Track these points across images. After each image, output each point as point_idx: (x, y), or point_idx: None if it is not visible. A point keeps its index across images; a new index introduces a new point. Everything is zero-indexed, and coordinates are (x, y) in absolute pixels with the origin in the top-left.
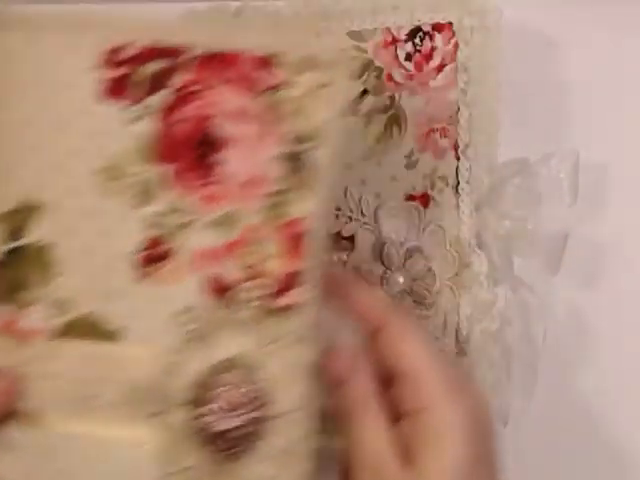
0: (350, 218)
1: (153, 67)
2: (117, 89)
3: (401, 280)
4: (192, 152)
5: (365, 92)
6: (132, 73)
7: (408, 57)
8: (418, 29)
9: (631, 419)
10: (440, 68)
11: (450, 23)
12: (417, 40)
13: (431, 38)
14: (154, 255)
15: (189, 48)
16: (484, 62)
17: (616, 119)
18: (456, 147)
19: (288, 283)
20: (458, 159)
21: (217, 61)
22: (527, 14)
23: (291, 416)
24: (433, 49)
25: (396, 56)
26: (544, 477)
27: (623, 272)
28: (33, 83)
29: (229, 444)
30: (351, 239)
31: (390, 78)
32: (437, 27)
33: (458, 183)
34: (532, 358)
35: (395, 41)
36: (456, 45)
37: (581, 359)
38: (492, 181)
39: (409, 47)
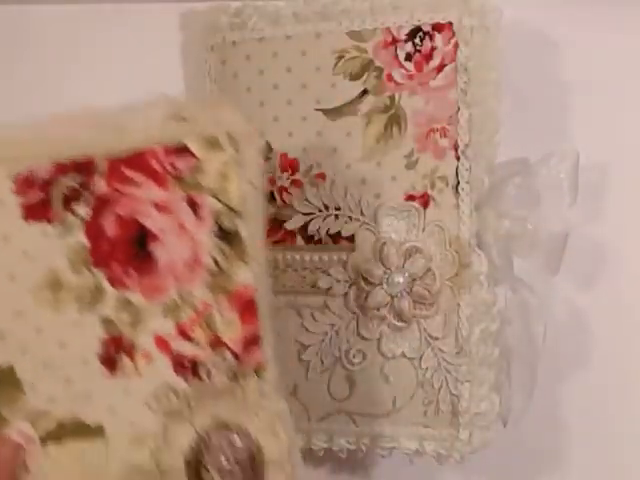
0: (350, 218)
1: (67, 183)
2: (38, 212)
3: (401, 280)
4: (126, 251)
5: (365, 92)
6: (48, 194)
7: (408, 57)
8: (418, 29)
9: (631, 418)
10: (440, 68)
11: (450, 23)
12: (417, 40)
13: (431, 38)
14: (116, 352)
15: (96, 157)
16: (484, 62)
17: (616, 119)
18: (456, 147)
19: (247, 347)
20: (458, 159)
21: (130, 162)
22: (527, 14)
23: (280, 465)
24: (433, 49)
25: (396, 56)
26: (544, 476)
27: (623, 272)
28: None
29: None
30: (351, 239)
31: (390, 78)
32: (437, 27)
33: (458, 183)
34: (532, 358)
35: (395, 41)
36: (456, 45)
37: (581, 359)
38: (492, 181)
39: (409, 47)
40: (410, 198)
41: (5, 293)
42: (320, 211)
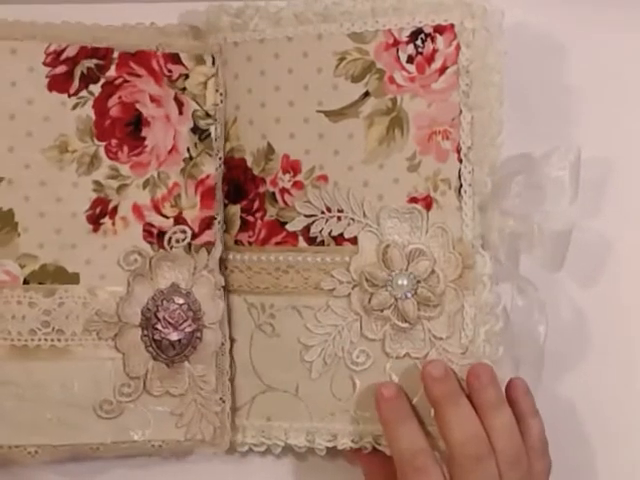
0: (353, 220)
1: (87, 64)
2: (60, 84)
3: (405, 282)
4: (123, 130)
5: (367, 94)
6: (71, 71)
7: (410, 59)
8: (420, 31)
9: (632, 417)
10: (442, 70)
11: (452, 25)
12: (419, 42)
13: (433, 40)
14: (101, 212)
15: (114, 48)
16: (486, 64)
17: (618, 117)
18: (458, 150)
19: (203, 226)
20: (460, 162)
21: (136, 58)
22: (528, 16)
23: (216, 325)
24: (435, 51)
25: (398, 58)
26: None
27: (624, 268)
28: None
29: (177, 351)
30: (353, 241)
31: (392, 80)
32: (439, 29)
33: (461, 186)
34: (536, 356)
35: (397, 43)
36: (458, 47)
37: (584, 356)
38: (495, 179)
39: (411, 49)
40: (413, 200)
41: (20, 147)
42: (322, 213)
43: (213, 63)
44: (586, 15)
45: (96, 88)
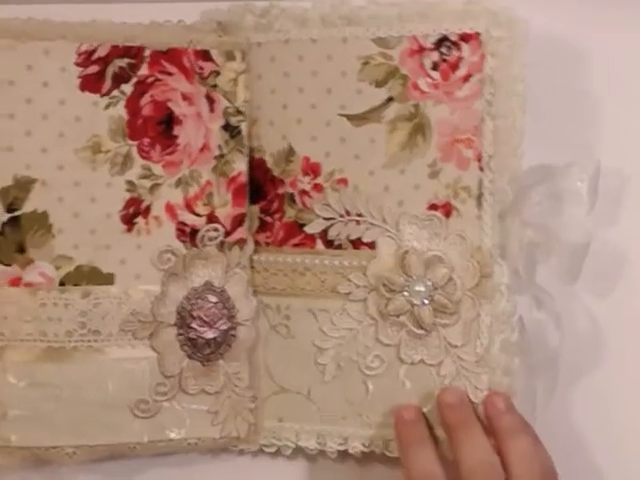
0: (371, 224)
1: (119, 64)
2: (92, 84)
3: (422, 289)
4: (155, 129)
5: (390, 99)
6: (103, 70)
7: (434, 66)
8: (445, 38)
9: None
10: (466, 78)
11: (478, 33)
12: (444, 49)
13: (458, 48)
14: (134, 212)
15: (145, 46)
16: (510, 74)
17: (638, 128)
18: (480, 158)
19: (235, 224)
20: (482, 170)
21: (168, 56)
22: (551, 24)
23: (250, 322)
24: (460, 59)
25: (422, 64)
26: None
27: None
28: (20, 81)
29: (212, 349)
30: (372, 245)
31: (415, 86)
32: (464, 37)
33: (481, 194)
34: (551, 367)
35: (422, 49)
36: (483, 56)
37: (599, 366)
38: (516, 189)
39: (435, 56)
40: (433, 207)
41: (54, 148)
42: (341, 216)
43: (243, 59)
44: (609, 24)
45: (128, 87)
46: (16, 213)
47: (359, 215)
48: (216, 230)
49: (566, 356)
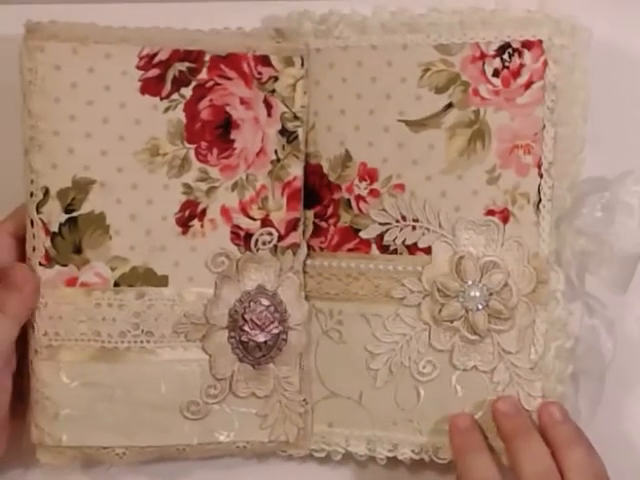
0: (427, 230)
1: (179, 67)
2: (153, 87)
3: (477, 294)
4: (213, 133)
5: (450, 106)
6: (163, 74)
7: (495, 73)
8: (507, 45)
9: None
10: (528, 85)
11: (540, 41)
12: (505, 56)
13: (520, 55)
14: (190, 215)
15: (205, 51)
16: (573, 81)
17: None
18: (539, 165)
19: (289, 228)
20: (541, 177)
21: (227, 61)
22: (610, 32)
23: (301, 327)
24: (521, 66)
25: (483, 71)
26: None
27: None
28: (82, 83)
29: (263, 353)
30: (427, 250)
31: (476, 93)
32: (526, 44)
33: (540, 200)
34: (600, 374)
35: (483, 56)
36: (545, 63)
37: None
38: (574, 196)
39: (497, 63)
40: (490, 213)
41: (113, 151)
42: (397, 222)
43: (302, 65)
44: None
45: (187, 91)
46: (74, 214)
47: (415, 220)
48: (270, 234)
49: (618, 363)
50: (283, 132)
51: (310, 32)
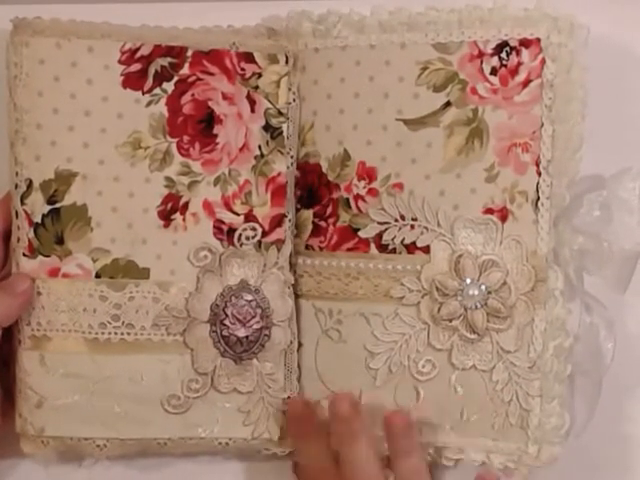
0: (426, 228)
1: (161, 62)
2: (135, 82)
3: (476, 293)
4: (195, 127)
5: (448, 104)
6: (145, 69)
7: (493, 71)
8: (505, 43)
9: None
10: (525, 83)
11: (538, 39)
12: (504, 55)
13: (518, 53)
14: (172, 208)
15: (187, 47)
16: (570, 79)
17: None
18: (538, 163)
19: (274, 224)
20: (539, 175)
21: (210, 57)
22: (608, 30)
23: (285, 323)
24: (519, 64)
25: (481, 70)
26: None
27: None
28: (65, 77)
29: (244, 348)
30: (426, 249)
31: (474, 91)
32: (524, 42)
33: (538, 199)
34: (598, 373)
35: (481, 54)
36: (543, 61)
37: None
38: (572, 194)
39: (495, 61)
40: (488, 211)
41: (95, 143)
42: (396, 221)
43: (286, 62)
44: None
45: (169, 86)
46: (56, 205)
47: (414, 219)
48: (254, 229)
49: (618, 363)
50: (267, 128)
51: (309, 32)
